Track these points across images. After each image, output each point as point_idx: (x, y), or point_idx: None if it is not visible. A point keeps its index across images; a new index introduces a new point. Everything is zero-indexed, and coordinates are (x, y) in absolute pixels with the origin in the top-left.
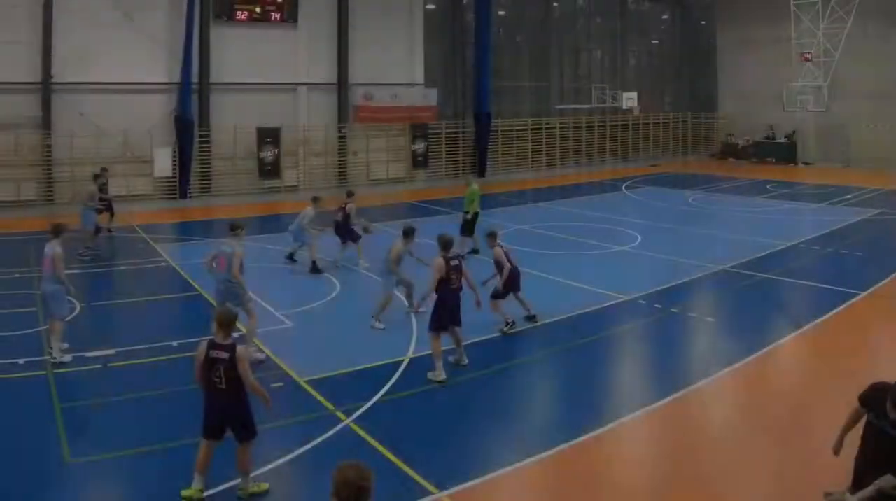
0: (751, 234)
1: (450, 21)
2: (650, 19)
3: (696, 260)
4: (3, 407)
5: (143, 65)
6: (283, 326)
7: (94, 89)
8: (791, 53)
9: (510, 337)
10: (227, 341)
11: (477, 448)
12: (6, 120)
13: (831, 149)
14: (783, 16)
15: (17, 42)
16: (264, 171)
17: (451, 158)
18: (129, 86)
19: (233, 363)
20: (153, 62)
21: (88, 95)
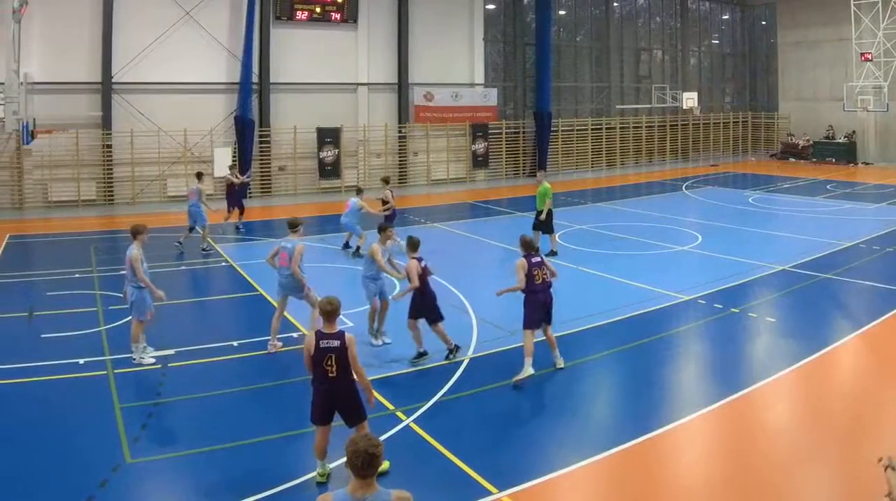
0: (811, 234)
1: (510, 21)
2: (710, 19)
3: (756, 260)
4: (65, 407)
5: (203, 65)
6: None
7: (154, 89)
8: (851, 53)
9: (571, 336)
10: (335, 330)
11: (537, 448)
12: (67, 120)
13: (891, 149)
14: (843, 16)
15: (78, 42)
16: (324, 171)
17: (512, 158)
18: (189, 86)
19: (343, 350)
20: (214, 62)
21: (149, 95)
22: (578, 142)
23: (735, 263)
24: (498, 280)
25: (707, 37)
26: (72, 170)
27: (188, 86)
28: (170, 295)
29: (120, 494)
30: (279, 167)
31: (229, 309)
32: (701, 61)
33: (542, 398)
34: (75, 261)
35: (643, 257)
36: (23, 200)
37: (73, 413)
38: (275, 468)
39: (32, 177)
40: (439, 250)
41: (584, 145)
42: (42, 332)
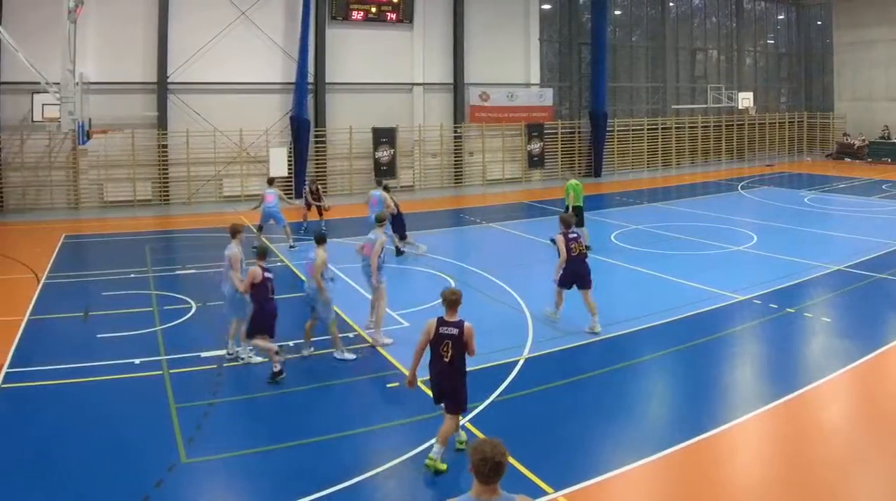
0: (867, 234)
1: (566, 21)
2: (766, 19)
3: (811, 260)
4: (121, 407)
5: (259, 65)
6: (399, 326)
7: (210, 89)
8: None
9: (627, 336)
10: (455, 319)
11: (592, 448)
12: (122, 120)
13: None
14: None
15: (133, 42)
16: (380, 171)
17: (567, 158)
18: (245, 86)
19: (460, 338)
20: (269, 62)
21: (204, 95)
22: (634, 142)
23: (790, 263)
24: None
25: (762, 36)
26: (127, 170)
27: (244, 86)
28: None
29: (175, 494)
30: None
31: (285, 310)
32: (756, 61)
33: (597, 397)
34: (131, 261)
35: (699, 257)
36: (78, 200)
37: (128, 413)
38: (330, 468)
39: (88, 177)
40: (495, 250)
41: (639, 145)
42: (98, 332)
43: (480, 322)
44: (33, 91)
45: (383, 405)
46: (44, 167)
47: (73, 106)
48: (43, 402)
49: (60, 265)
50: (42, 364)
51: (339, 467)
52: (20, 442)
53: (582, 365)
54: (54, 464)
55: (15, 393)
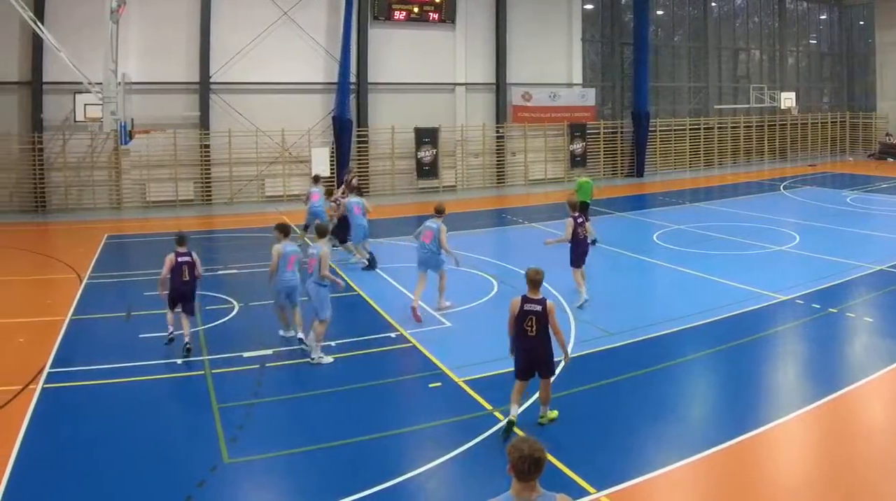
0: None
1: (608, 21)
2: (808, 19)
3: (854, 260)
4: (163, 407)
5: (301, 65)
6: (441, 326)
7: (252, 89)
8: None
9: (669, 336)
10: (539, 296)
11: (635, 447)
12: (164, 120)
13: None
14: None
15: (175, 42)
16: (422, 171)
17: (610, 158)
18: (287, 86)
19: (544, 314)
20: (311, 62)
21: (246, 95)
22: (676, 142)
23: (833, 263)
24: (595, 277)
25: (805, 36)
26: (169, 169)
27: (286, 86)
28: (267, 295)
29: (218, 494)
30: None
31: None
32: (799, 61)
33: (640, 398)
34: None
35: (741, 257)
36: (121, 200)
37: (171, 412)
38: (372, 468)
39: (130, 177)
40: (537, 250)
41: (681, 145)
42: (140, 332)
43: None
44: (75, 91)
45: (425, 405)
46: (86, 167)
47: (116, 106)
48: (85, 402)
49: (102, 265)
50: (84, 364)
51: (380, 467)
52: (63, 442)
53: (624, 364)
54: (97, 464)
55: (57, 393)
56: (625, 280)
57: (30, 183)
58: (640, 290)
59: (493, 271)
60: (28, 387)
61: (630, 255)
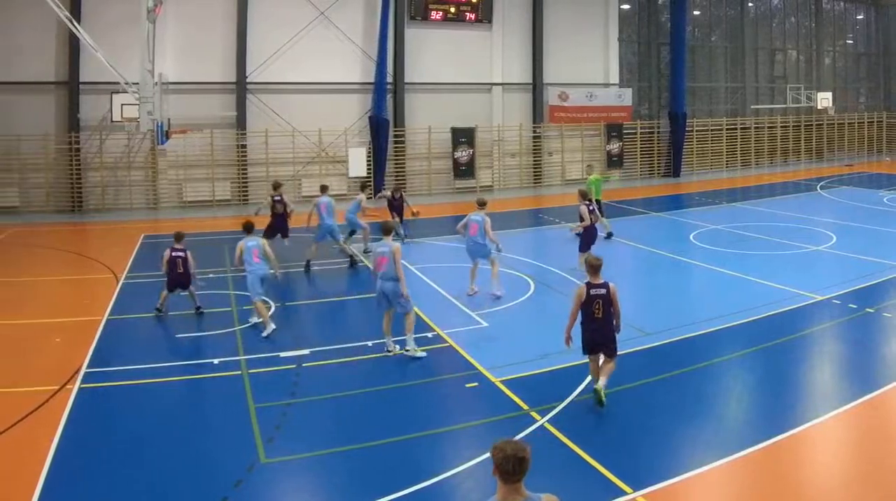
0: None
1: (645, 21)
2: (845, 19)
3: (891, 260)
4: (200, 407)
5: (337, 65)
6: (478, 326)
7: (288, 89)
8: None
9: (706, 336)
10: (601, 281)
11: (671, 448)
12: (201, 120)
13: None
14: None
15: (212, 42)
16: (459, 171)
17: (646, 158)
18: (323, 86)
19: (608, 297)
20: (348, 62)
21: (283, 95)
22: (713, 142)
23: (870, 263)
24: (632, 277)
25: (842, 36)
26: (206, 170)
27: (322, 86)
28: (304, 295)
29: (255, 494)
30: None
31: (363, 309)
32: (835, 61)
33: (676, 398)
34: (210, 261)
35: (777, 257)
36: (157, 200)
37: (207, 412)
38: (408, 468)
39: (167, 177)
40: (573, 250)
41: (718, 145)
42: (177, 332)
43: (559, 321)
44: (112, 91)
45: (462, 405)
46: (123, 167)
47: (153, 106)
48: (122, 402)
49: (139, 265)
50: (121, 364)
51: (417, 467)
52: (100, 442)
53: (661, 364)
54: (134, 464)
55: (94, 393)
56: (661, 280)
57: (67, 183)
58: (676, 290)
59: (529, 271)
60: (65, 387)
61: (666, 255)
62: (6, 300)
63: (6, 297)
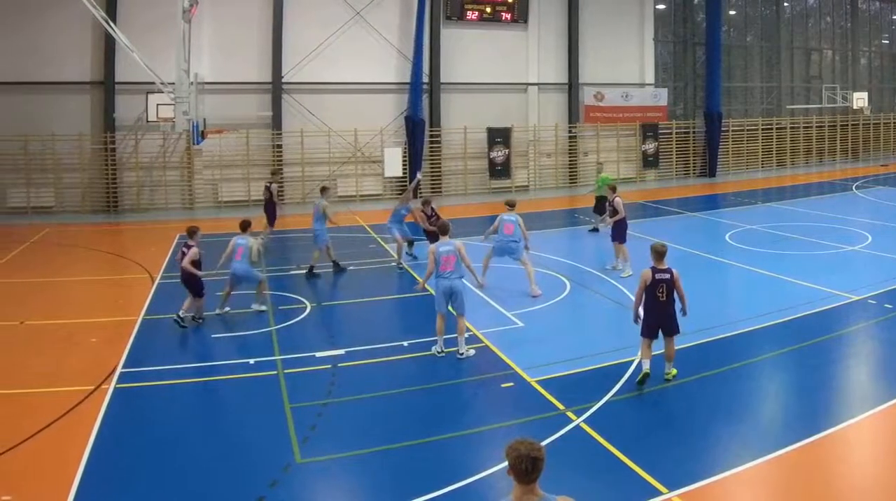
0: None
1: (680, 21)
2: (881, 18)
3: None
4: (236, 407)
5: (373, 65)
6: (513, 326)
7: (324, 89)
8: None
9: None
10: (665, 266)
11: (707, 448)
12: (237, 120)
13: None
14: None
15: (247, 42)
16: (495, 171)
17: (682, 158)
18: (359, 86)
19: (671, 281)
20: (384, 62)
21: (319, 95)
22: (748, 142)
23: None
24: None
25: (877, 36)
26: (242, 169)
27: (358, 86)
28: (340, 295)
29: (290, 494)
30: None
31: (399, 309)
32: (871, 61)
33: (711, 398)
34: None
35: (813, 257)
36: (193, 200)
37: (243, 412)
38: (444, 468)
39: (202, 177)
40: (609, 249)
41: (754, 145)
42: (213, 332)
43: (595, 321)
44: (148, 91)
45: (498, 405)
46: (158, 167)
47: (188, 106)
48: (157, 402)
49: (175, 265)
50: (156, 364)
51: (452, 467)
52: (135, 442)
53: (696, 364)
54: (169, 464)
55: (130, 393)
56: (697, 280)
57: (102, 183)
58: (712, 290)
59: (565, 271)
60: (100, 387)
61: (702, 255)
62: (42, 300)
63: (42, 297)
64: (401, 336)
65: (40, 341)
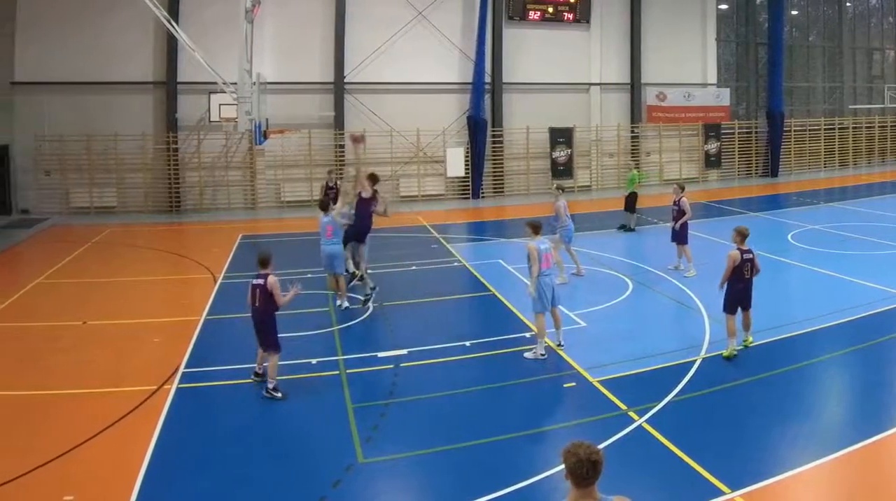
0: None
1: (742, 20)
2: None
3: None
4: (298, 407)
5: (435, 65)
6: (576, 326)
7: (386, 89)
8: None
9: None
10: (747, 247)
11: (769, 448)
12: (299, 119)
13: None
14: None
15: (310, 42)
16: (557, 172)
17: (744, 158)
18: (421, 86)
19: (754, 261)
20: (446, 62)
21: (381, 95)
22: (811, 142)
23: None
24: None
25: None
26: (304, 169)
27: (420, 86)
28: (402, 294)
29: (352, 494)
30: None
31: (462, 309)
32: None
33: (774, 397)
34: (308, 262)
35: (876, 257)
36: (256, 200)
37: (306, 412)
38: (506, 468)
39: (265, 177)
40: (672, 249)
41: (816, 145)
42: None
43: (658, 321)
44: (210, 91)
45: (560, 405)
46: (220, 167)
47: (251, 105)
48: (220, 402)
49: (237, 265)
50: (219, 363)
51: (515, 467)
52: (198, 442)
53: (759, 365)
54: (232, 464)
55: (193, 392)
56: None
57: (164, 183)
58: (774, 290)
59: (627, 271)
60: (163, 387)
61: (765, 255)
62: (105, 300)
63: (105, 297)
64: (463, 336)
65: (103, 341)
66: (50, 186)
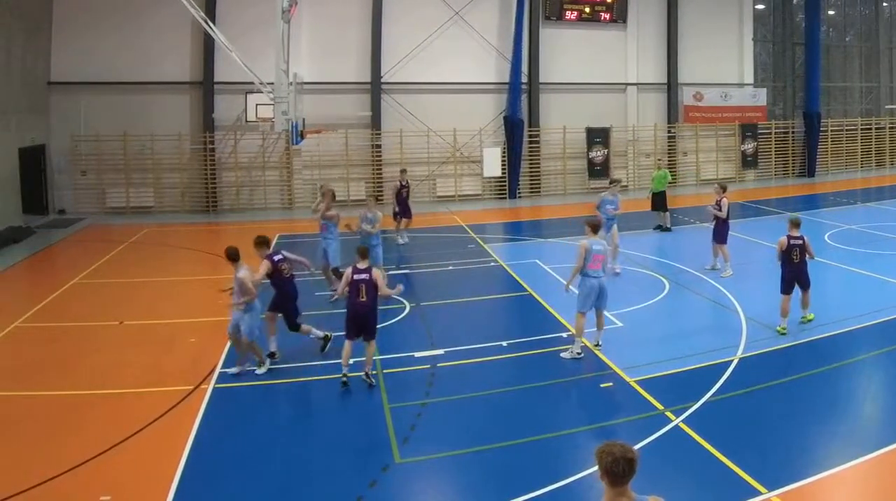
0: None
1: (779, 20)
2: None
3: None
4: (334, 407)
5: (472, 65)
6: (613, 326)
7: (423, 89)
8: None
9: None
10: (798, 234)
11: (806, 448)
12: (336, 119)
13: None
14: None
15: (347, 43)
16: (593, 171)
17: (781, 158)
18: (458, 86)
19: (804, 246)
20: (482, 62)
21: (417, 95)
22: (847, 142)
23: None
24: (767, 279)
25: None
26: (341, 169)
27: (457, 86)
28: (439, 294)
29: (389, 494)
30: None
31: (498, 309)
32: None
33: (811, 398)
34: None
35: None
36: (292, 200)
37: (342, 412)
38: (543, 468)
39: (302, 177)
40: (708, 250)
41: (853, 145)
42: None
43: (694, 321)
44: (247, 91)
45: (596, 405)
46: (257, 167)
47: (287, 106)
48: (256, 402)
49: None
50: (255, 363)
51: (552, 467)
52: (234, 441)
53: (796, 365)
54: (268, 463)
55: (229, 392)
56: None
57: (201, 183)
58: (812, 290)
59: (663, 271)
60: (199, 387)
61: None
62: (142, 300)
63: (142, 297)
64: (499, 336)
65: (139, 341)
66: (86, 186)
